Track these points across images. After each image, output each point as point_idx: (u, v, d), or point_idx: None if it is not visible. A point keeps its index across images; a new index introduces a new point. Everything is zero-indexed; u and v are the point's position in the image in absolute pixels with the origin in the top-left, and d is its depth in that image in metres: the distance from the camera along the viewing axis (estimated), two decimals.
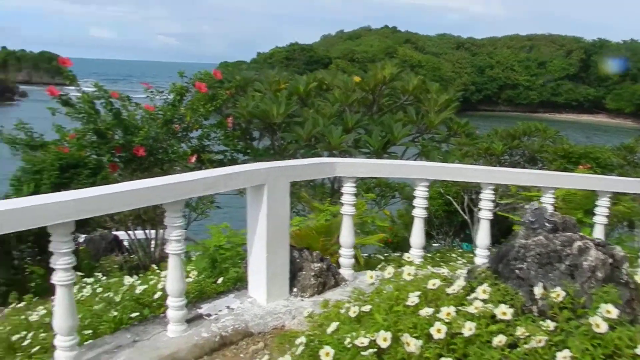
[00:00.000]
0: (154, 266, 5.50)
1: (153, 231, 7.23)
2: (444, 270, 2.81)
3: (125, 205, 2.55)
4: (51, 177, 5.21)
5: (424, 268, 2.55)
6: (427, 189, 3.87)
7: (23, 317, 4.15)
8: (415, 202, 3.92)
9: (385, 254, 6.75)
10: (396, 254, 6.59)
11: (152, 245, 7.23)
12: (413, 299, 2.04)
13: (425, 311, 1.95)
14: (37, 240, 5.54)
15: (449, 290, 2.11)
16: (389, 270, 2.40)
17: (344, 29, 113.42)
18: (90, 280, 4.76)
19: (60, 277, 2.35)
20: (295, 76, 7.38)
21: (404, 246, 9.90)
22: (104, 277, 5.04)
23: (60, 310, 2.39)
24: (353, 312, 2.19)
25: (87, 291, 4.36)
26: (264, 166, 3.16)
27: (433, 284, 2.12)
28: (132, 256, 8.24)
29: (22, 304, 4.80)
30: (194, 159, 6.54)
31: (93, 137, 5.98)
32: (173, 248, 2.78)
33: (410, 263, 2.75)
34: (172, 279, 2.82)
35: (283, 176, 3.23)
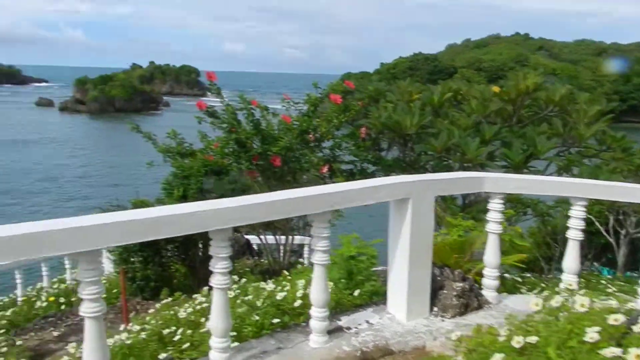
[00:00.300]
0: (285, 272, 5.66)
1: (283, 237, 7.46)
2: (612, 302, 2.50)
3: (279, 214, 2.60)
4: (198, 182, 5.57)
5: (598, 298, 2.27)
6: (584, 209, 3.50)
7: (172, 312, 4.46)
8: (571, 222, 3.57)
9: (520, 275, 6.28)
10: (528, 275, 6.10)
11: (281, 251, 7.45)
12: (592, 334, 1.81)
13: (610, 351, 1.71)
14: (183, 242, 5.96)
15: (637, 329, 1.84)
16: (557, 299, 2.16)
17: (470, 38, 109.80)
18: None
19: (217, 280, 2.45)
20: (429, 86, 7.21)
21: (535, 267, 9.17)
22: (239, 280, 5.27)
23: (216, 312, 2.49)
24: (517, 342, 2.01)
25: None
26: (409, 179, 3.06)
27: (615, 319, 1.87)
28: (262, 260, 8.59)
29: (170, 300, 5.19)
30: (325, 169, 6.63)
31: (234, 146, 6.30)
32: (319, 258, 2.78)
33: (573, 291, 2.48)
34: (317, 290, 2.82)
35: (429, 190, 3.11)
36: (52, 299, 6.26)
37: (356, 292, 3.73)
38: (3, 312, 6.52)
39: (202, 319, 4.13)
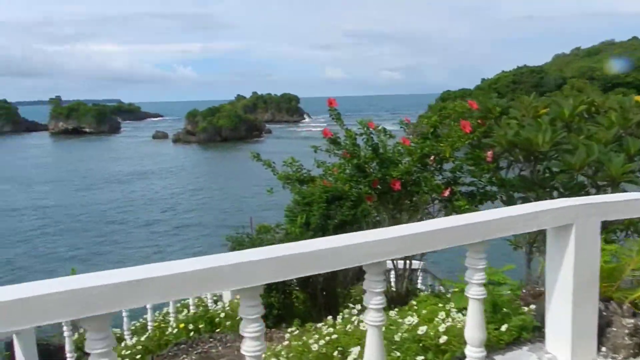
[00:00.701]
0: (413, 302, 5.42)
1: (401, 262, 7.23)
2: None
3: (437, 245, 2.42)
4: (320, 208, 5.54)
5: None
6: None
7: (302, 343, 4.40)
8: None
9: None
10: None
11: (397, 277, 7.20)
12: None
13: None
14: None
15: None
16: None
17: (580, 46, 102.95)
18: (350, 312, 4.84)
19: (372, 317, 2.31)
20: (557, 100, 6.70)
21: None
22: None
23: (370, 351, 2.35)
24: None
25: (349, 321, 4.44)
26: (573, 203, 2.75)
27: None
28: None
29: (295, 329, 5.15)
30: (447, 192, 6.34)
31: (353, 171, 6.24)
32: (475, 292, 2.55)
33: None
34: (473, 327, 2.59)
35: (595, 215, 2.77)
36: (182, 325, 6.49)
37: (503, 327, 3.41)
38: (138, 338, 6.87)
39: (335, 352, 4.02)
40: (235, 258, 1.97)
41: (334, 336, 4.30)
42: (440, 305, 4.38)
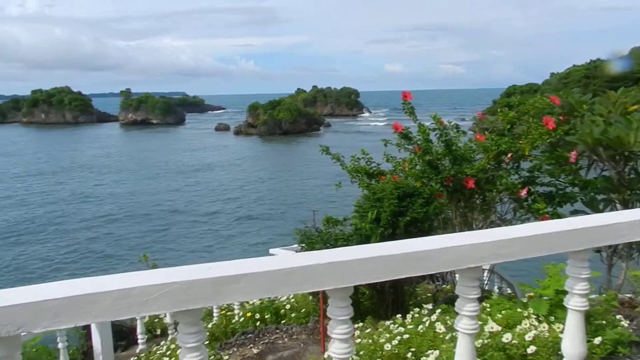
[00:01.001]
0: (485, 304, 5.20)
1: None
2: None
3: (539, 251, 2.25)
4: (391, 205, 5.41)
5: None
6: None
7: (372, 342, 4.30)
8: None
9: None
10: None
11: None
12: None
13: None
14: None
15: None
16: None
17: None
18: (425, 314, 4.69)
19: (465, 324, 2.18)
20: None
21: None
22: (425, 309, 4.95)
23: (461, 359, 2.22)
24: None
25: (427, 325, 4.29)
26: None
27: None
28: (444, 285, 8.15)
29: (362, 326, 5.08)
30: (524, 192, 6.04)
31: (425, 167, 6.06)
32: (576, 303, 2.37)
33: None
34: (573, 340, 2.40)
35: None
36: (248, 315, 6.57)
37: (597, 340, 3.17)
38: (205, 324, 7.01)
39: (408, 354, 3.91)
40: (328, 257, 1.90)
41: (406, 336, 4.18)
42: (518, 310, 4.17)
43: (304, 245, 5.89)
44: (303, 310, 6.84)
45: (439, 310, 4.73)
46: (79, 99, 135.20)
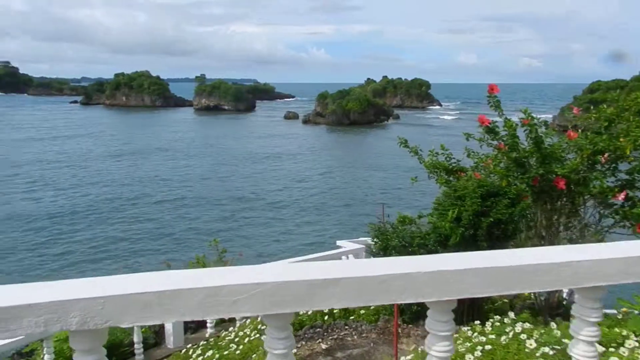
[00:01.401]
0: (559, 319, 4.80)
1: None
2: None
3: None
4: (473, 204, 5.10)
5: None
6: None
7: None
8: None
9: None
10: None
11: None
12: None
13: None
14: None
15: None
16: None
17: None
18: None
19: (582, 350, 1.91)
20: None
21: None
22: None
23: None
24: None
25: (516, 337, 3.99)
26: None
27: None
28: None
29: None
30: (622, 196, 5.52)
31: (510, 165, 5.68)
32: None
33: None
34: None
35: None
36: None
37: None
38: None
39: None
40: (431, 265, 1.70)
41: (488, 347, 3.91)
42: (616, 329, 3.78)
43: (377, 240, 5.70)
44: (372, 307, 6.67)
45: (525, 324, 4.39)
46: (157, 83, 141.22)
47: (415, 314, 5.74)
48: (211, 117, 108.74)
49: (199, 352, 6.14)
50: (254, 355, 5.45)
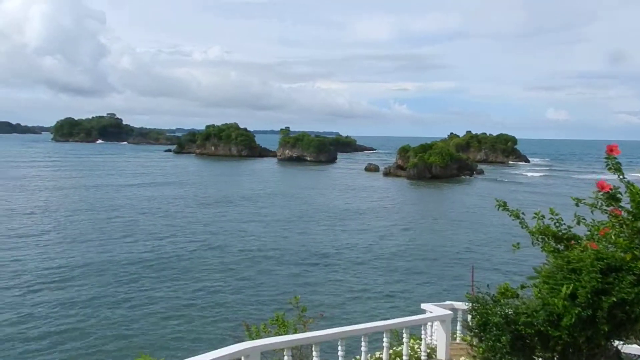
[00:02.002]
0: None
1: None
2: None
3: None
4: (592, 280, 4.44)
5: None
6: None
7: None
8: None
9: None
10: None
11: None
12: None
13: None
14: (563, 351, 4.84)
15: None
16: None
17: None
18: None
19: None
20: None
21: None
22: None
23: None
24: None
25: None
26: None
27: None
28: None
29: None
30: None
31: (635, 236, 4.94)
32: None
33: None
34: None
35: None
36: None
37: None
38: None
39: None
40: None
41: None
42: None
43: (475, 314, 5.10)
44: None
45: None
46: (244, 134, 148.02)
47: None
48: (294, 167, 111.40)
49: None
50: None
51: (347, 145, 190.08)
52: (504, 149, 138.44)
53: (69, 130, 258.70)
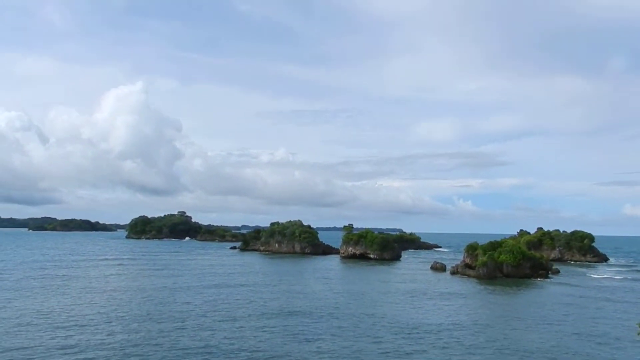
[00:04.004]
0: None
1: None
2: None
3: None
4: None
5: None
6: None
7: None
8: None
9: None
10: None
11: None
12: None
13: None
14: None
15: None
16: None
17: None
18: None
19: None
20: None
21: None
22: None
23: None
24: None
25: None
26: None
27: None
28: None
29: None
30: None
31: None
32: None
33: None
34: None
35: None
36: None
37: None
38: None
39: None
40: None
41: None
42: None
43: None
44: None
45: None
46: (307, 231, 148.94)
47: None
48: (357, 266, 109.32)
49: None
50: None
51: (411, 242, 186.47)
52: (580, 246, 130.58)
53: (142, 228, 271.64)
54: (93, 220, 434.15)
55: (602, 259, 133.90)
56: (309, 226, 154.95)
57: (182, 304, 51.67)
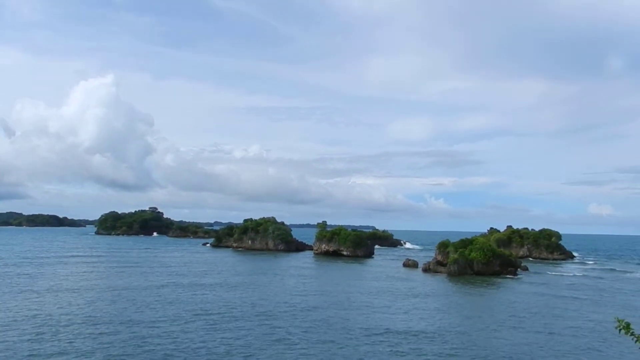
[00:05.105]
0: None
1: None
2: None
3: None
4: None
5: None
6: None
7: None
8: None
9: None
10: None
11: None
12: None
13: None
14: None
15: None
16: None
17: None
18: None
19: None
20: None
21: None
22: None
23: None
24: None
25: None
26: None
27: None
28: None
29: None
30: None
31: None
32: None
33: None
34: None
35: None
36: None
37: None
38: None
39: None
40: None
41: None
42: None
43: None
44: None
45: None
46: (281, 228, 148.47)
47: None
48: (331, 262, 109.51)
49: None
50: None
51: (384, 239, 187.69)
52: (548, 244, 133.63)
53: (112, 224, 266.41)
54: (61, 216, 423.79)
55: (568, 256, 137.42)
56: (282, 223, 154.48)
57: (153, 303, 50.78)
